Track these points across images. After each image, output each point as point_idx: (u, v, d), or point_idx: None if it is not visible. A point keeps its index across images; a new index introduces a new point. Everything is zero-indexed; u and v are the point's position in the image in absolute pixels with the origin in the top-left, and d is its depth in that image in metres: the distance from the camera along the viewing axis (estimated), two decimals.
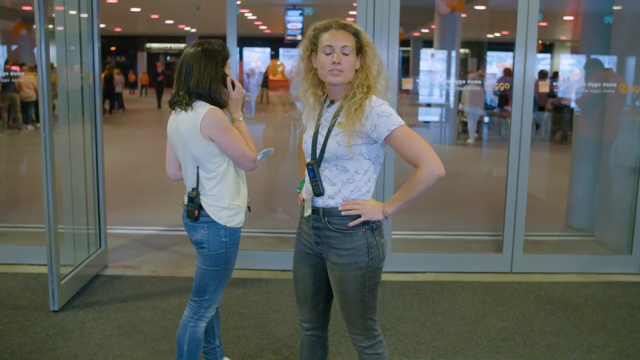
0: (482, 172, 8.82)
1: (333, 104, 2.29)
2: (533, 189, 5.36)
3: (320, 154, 2.24)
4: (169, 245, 5.24)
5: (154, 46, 29.07)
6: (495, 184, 7.49)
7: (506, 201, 4.62)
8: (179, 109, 2.59)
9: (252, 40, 21.05)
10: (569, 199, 5.99)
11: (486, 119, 10.31)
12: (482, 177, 8.46)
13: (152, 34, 27.29)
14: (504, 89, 5.32)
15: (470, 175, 8.41)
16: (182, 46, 27.24)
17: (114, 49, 27.79)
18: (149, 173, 8.49)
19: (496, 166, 8.52)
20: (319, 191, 2.25)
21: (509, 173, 4.58)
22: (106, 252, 4.70)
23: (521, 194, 4.58)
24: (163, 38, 28.31)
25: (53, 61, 4.02)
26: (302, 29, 8.52)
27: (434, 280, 4.50)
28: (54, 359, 3.24)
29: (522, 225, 4.63)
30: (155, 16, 17.85)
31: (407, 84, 5.00)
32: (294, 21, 8.60)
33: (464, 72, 11.49)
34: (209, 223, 2.61)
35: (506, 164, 4.59)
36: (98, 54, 4.52)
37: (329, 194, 2.25)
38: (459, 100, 9.52)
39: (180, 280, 4.40)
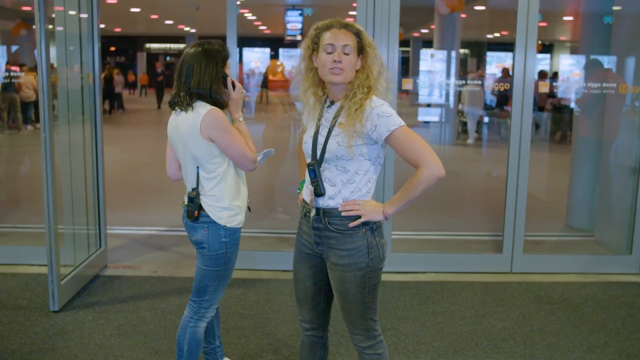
0: (482, 172, 8.82)
1: (333, 104, 2.29)
2: (533, 189, 5.37)
3: (321, 155, 2.24)
4: (169, 246, 5.24)
5: (154, 46, 29.05)
6: (495, 184, 7.49)
7: (506, 201, 4.62)
8: (179, 109, 2.59)
9: (252, 40, 21.04)
10: (569, 199, 5.99)
11: (486, 119, 10.31)
12: (482, 177, 8.46)
13: (152, 34, 27.29)
14: (503, 89, 5.32)
15: (470, 176, 8.41)
16: (181, 46, 27.24)
17: (113, 49, 27.79)
18: (148, 173, 8.49)
19: (496, 166, 8.52)
20: (320, 192, 2.25)
21: (509, 173, 4.58)
22: (106, 253, 4.70)
23: (521, 194, 4.59)
24: (163, 38, 28.29)
25: (53, 61, 4.02)
26: (301, 29, 8.51)
27: (434, 280, 4.50)
28: (54, 359, 3.23)
29: (522, 226, 4.63)
30: (154, 16, 17.84)
31: (407, 84, 5.01)
32: (293, 21, 8.59)
33: (463, 72, 11.49)
34: (209, 223, 2.61)
35: (506, 164, 4.59)
36: (98, 54, 4.52)
37: (329, 195, 2.25)
38: (458, 101, 9.52)
39: (180, 280, 4.40)
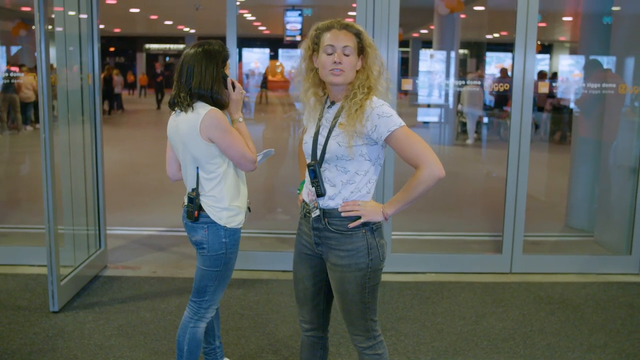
0: (482, 173, 8.82)
1: (334, 104, 2.29)
2: (532, 189, 5.37)
3: (321, 155, 2.24)
4: (169, 246, 5.24)
5: (153, 47, 29.05)
6: (494, 184, 7.49)
7: (506, 202, 4.62)
8: (178, 109, 2.59)
9: (251, 41, 21.04)
10: (569, 199, 5.99)
11: (485, 120, 10.31)
12: (481, 178, 8.46)
13: (151, 35, 27.29)
14: (501, 89, 5.32)
15: (470, 176, 8.41)
16: (181, 47, 27.23)
17: (113, 49, 27.78)
18: (148, 174, 8.49)
19: (495, 166, 8.52)
20: (321, 192, 2.25)
21: (509, 173, 4.58)
22: (106, 253, 4.70)
23: (521, 194, 4.59)
24: (162, 39, 28.30)
25: (53, 62, 4.02)
26: (301, 29, 8.51)
27: (434, 280, 4.50)
28: (53, 359, 3.24)
29: (522, 226, 4.64)
30: (154, 17, 17.85)
31: (407, 85, 5.01)
32: (293, 22, 8.59)
33: (463, 72, 11.49)
34: (209, 224, 2.61)
35: (505, 164, 4.59)
36: (98, 54, 4.52)
37: (329, 195, 2.25)
38: (458, 101, 9.52)
39: (180, 281, 4.40)
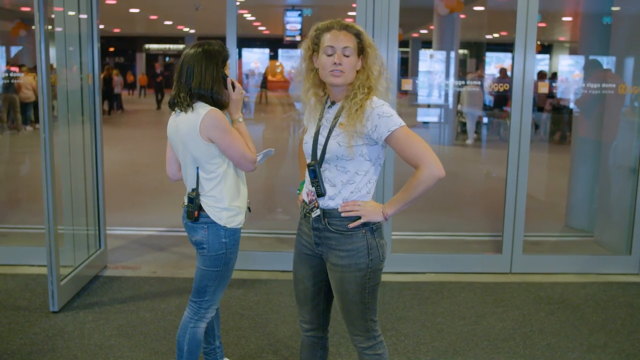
0: (482, 173, 8.82)
1: (334, 104, 2.29)
2: (532, 189, 5.37)
3: (321, 155, 2.24)
4: (169, 246, 5.24)
5: (153, 47, 29.06)
6: (494, 184, 7.49)
7: (506, 202, 4.62)
8: (178, 109, 2.59)
9: (251, 41, 21.04)
10: (568, 199, 5.99)
11: (485, 120, 10.30)
12: (481, 178, 8.46)
13: (151, 35, 27.29)
14: (501, 89, 5.32)
15: (470, 176, 8.41)
16: (181, 47, 27.23)
17: (112, 49, 27.78)
18: (148, 174, 8.49)
19: (495, 167, 8.52)
20: (321, 192, 2.25)
21: (509, 174, 4.58)
22: (106, 253, 4.70)
23: (520, 194, 4.59)
24: (162, 39, 28.30)
25: (52, 62, 4.02)
26: (300, 29, 8.51)
27: (434, 280, 4.50)
28: (53, 359, 3.24)
29: (522, 226, 4.64)
30: (154, 17, 17.85)
31: (406, 85, 5.01)
32: (292, 22, 8.59)
33: (462, 72, 11.49)
34: (209, 224, 2.61)
35: (505, 164, 4.59)
36: (98, 54, 4.52)
37: (329, 195, 2.25)
38: (457, 101, 9.52)
39: (180, 281, 4.39)
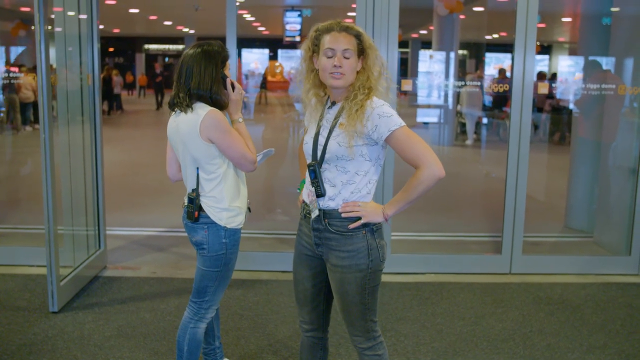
0: (481, 174, 8.82)
1: (334, 105, 2.29)
2: (532, 190, 5.37)
3: (322, 155, 2.24)
4: (168, 247, 5.24)
5: (153, 47, 29.06)
6: (494, 185, 7.49)
7: (505, 202, 4.63)
8: (178, 110, 2.59)
9: (251, 41, 21.05)
10: (568, 200, 5.99)
11: (485, 120, 10.30)
12: (481, 179, 8.46)
13: (151, 35, 27.29)
14: (500, 90, 5.33)
15: (469, 177, 8.41)
16: (180, 47, 27.23)
17: (112, 50, 27.78)
18: (147, 174, 8.49)
19: (495, 167, 8.53)
20: (320, 192, 2.25)
21: (508, 174, 4.58)
22: (105, 254, 4.70)
23: (520, 195, 4.59)
24: (161, 39, 28.31)
25: (52, 62, 4.02)
26: (300, 30, 8.52)
27: (434, 281, 4.50)
28: None
29: (521, 227, 4.64)
30: (153, 17, 17.84)
31: (406, 85, 5.01)
32: (292, 22, 8.60)
33: (462, 73, 11.49)
34: (209, 224, 2.61)
35: (505, 165, 4.59)
36: (97, 55, 4.52)
37: (329, 196, 2.25)
38: (457, 102, 9.52)
39: (180, 281, 4.39)
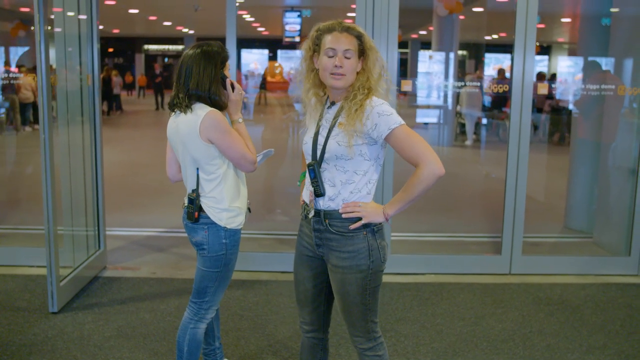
0: (481, 174, 8.83)
1: (334, 105, 2.30)
2: (532, 190, 5.37)
3: (321, 155, 2.24)
4: (168, 247, 5.23)
5: (152, 48, 29.06)
6: (493, 185, 7.50)
7: (505, 203, 4.63)
8: (178, 110, 2.59)
9: (250, 42, 21.05)
10: (568, 200, 5.99)
11: (484, 121, 10.31)
12: (480, 179, 8.47)
13: (150, 36, 27.29)
14: (500, 90, 5.33)
15: (469, 177, 8.42)
16: (180, 48, 27.23)
17: (111, 50, 27.77)
18: (147, 174, 8.49)
19: (494, 168, 8.53)
20: (320, 192, 2.25)
21: (508, 175, 4.58)
22: (105, 254, 4.70)
23: (520, 195, 4.59)
24: (161, 39, 28.31)
25: (52, 63, 4.02)
26: (300, 30, 8.52)
27: (434, 281, 4.50)
28: None
29: (521, 227, 4.64)
30: (153, 18, 17.84)
31: (406, 86, 5.02)
32: (292, 23, 8.59)
33: (462, 74, 11.49)
34: (209, 225, 2.61)
35: (505, 165, 4.60)
36: (97, 55, 4.52)
37: (329, 196, 2.25)
38: (457, 102, 9.52)
39: (180, 281, 4.39)
